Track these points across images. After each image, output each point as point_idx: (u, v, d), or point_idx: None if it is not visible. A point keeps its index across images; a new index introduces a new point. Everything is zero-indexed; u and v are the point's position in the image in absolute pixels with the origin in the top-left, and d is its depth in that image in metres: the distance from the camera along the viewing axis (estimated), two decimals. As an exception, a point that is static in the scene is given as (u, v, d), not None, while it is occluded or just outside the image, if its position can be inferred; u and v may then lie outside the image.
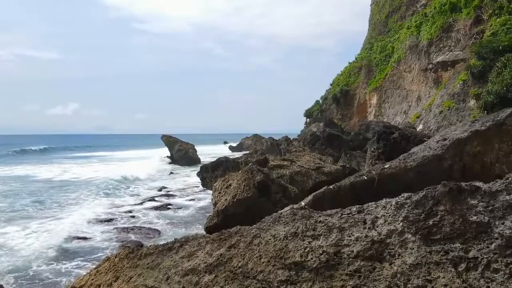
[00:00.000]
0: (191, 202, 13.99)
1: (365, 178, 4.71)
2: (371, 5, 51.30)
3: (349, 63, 39.64)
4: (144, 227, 10.42)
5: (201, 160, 34.07)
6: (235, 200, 7.81)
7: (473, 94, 15.56)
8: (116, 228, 10.48)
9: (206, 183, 12.88)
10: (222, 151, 52.77)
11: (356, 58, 38.88)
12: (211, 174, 12.68)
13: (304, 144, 21.06)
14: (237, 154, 44.52)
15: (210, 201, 11.13)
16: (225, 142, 77.79)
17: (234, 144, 56.12)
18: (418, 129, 20.19)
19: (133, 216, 11.93)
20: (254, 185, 7.85)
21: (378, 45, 34.83)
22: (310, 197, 4.74)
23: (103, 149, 68.82)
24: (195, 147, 33.75)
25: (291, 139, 45.52)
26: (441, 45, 21.56)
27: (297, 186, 11.27)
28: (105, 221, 11.36)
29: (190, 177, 23.29)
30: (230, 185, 8.78)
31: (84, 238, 9.42)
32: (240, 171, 8.50)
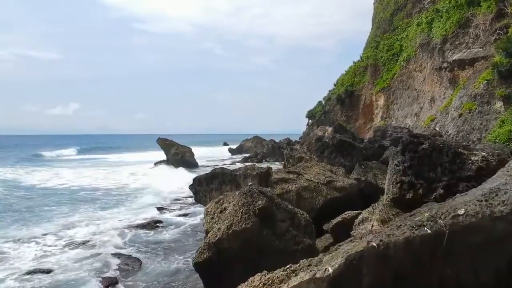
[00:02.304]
0: (183, 219, 12.31)
1: (428, 231, 3.03)
2: (374, 3, 49.98)
3: (354, 62, 37.98)
4: (124, 254, 8.75)
5: (199, 164, 32.41)
6: (230, 231, 6.15)
7: (500, 95, 13.89)
8: (91, 254, 8.81)
9: (199, 197, 11.22)
10: (222, 153, 51.14)
11: (361, 57, 37.22)
12: (205, 187, 11.01)
13: (310, 151, 19.38)
14: (237, 158, 42.87)
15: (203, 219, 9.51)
16: (225, 144, 76.00)
17: (234, 147, 54.38)
18: (433, 134, 18.50)
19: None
20: (255, 212, 6.19)
21: (385, 44, 33.14)
22: (340, 260, 3.05)
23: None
24: (192, 151, 32.09)
25: (293, 141, 43.97)
26: (457, 42, 19.87)
27: (305, 204, 9.61)
28: (82, 244, 9.69)
29: (185, 183, 21.65)
30: (225, 209, 7.13)
31: (47, 272, 7.73)
32: (237, 193, 6.83)
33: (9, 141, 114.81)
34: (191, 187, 11.36)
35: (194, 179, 11.33)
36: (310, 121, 44.46)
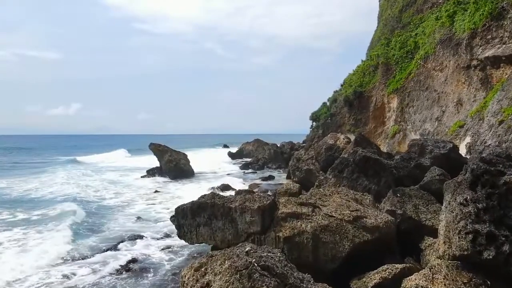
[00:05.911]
0: (165, 256, 9.64)
1: None
2: (380, 0, 48.07)
3: (362, 61, 35.32)
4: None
5: (195, 171, 29.81)
6: None
7: (558, 99, 11.29)
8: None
9: (184, 233, 8.60)
10: (221, 157, 48.40)
11: (370, 56, 34.56)
12: (190, 221, 8.40)
13: (318, 161, 16.75)
14: (237, 164, 40.21)
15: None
16: (225, 146, 73.28)
17: (234, 150, 51.73)
18: (465, 144, 15.88)
19: (68, 291, 7.65)
20: (256, 310, 3.59)
21: (397, 41, 30.45)
22: None
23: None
24: (188, 157, 29.48)
25: (297, 144, 41.32)
26: (489, 37, 17.21)
27: (325, 251, 6.97)
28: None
29: (178, 198, 19.09)
30: (207, 284, 4.50)
31: None
32: (227, 264, 4.21)
33: (10, 142, 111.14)
34: (173, 219, 8.76)
35: (177, 209, 8.71)
36: (314, 123, 41.79)
